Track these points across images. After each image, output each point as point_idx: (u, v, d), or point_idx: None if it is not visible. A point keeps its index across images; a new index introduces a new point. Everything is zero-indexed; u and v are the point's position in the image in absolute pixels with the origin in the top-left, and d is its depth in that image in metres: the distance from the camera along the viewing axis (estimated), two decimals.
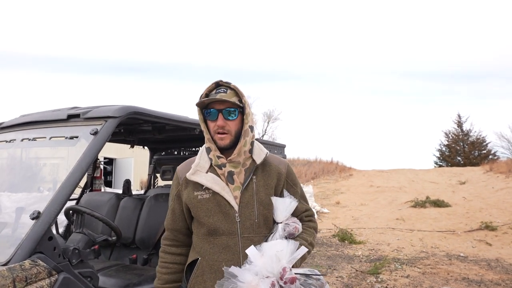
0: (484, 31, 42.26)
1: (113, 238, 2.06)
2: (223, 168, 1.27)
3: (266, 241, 1.22)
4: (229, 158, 1.27)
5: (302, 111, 53.36)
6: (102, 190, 3.80)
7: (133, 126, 2.82)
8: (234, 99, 1.28)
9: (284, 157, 4.26)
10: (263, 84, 51.60)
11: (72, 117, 1.88)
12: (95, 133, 1.72)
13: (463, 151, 27.56)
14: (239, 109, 1.29)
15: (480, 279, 4.66)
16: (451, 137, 28.63)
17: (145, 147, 3.95)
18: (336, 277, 4.78)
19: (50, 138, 1.89)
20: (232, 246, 1.23)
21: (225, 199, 1.25)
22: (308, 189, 11.50)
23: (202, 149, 1.37)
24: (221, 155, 1.28)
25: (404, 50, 44.90)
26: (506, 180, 13.65)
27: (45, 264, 1.40)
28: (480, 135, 27.53)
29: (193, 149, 3.83)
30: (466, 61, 43.58)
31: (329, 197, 13.86)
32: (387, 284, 4.49)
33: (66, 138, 1.82)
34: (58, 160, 2.03)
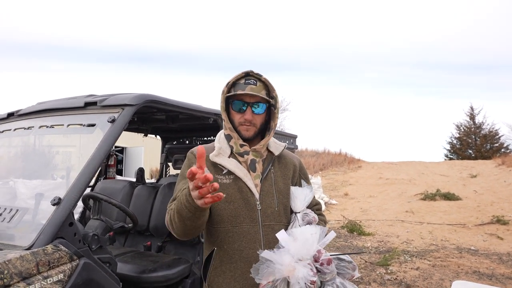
0: (498, 22, 40.94)
1: (130, 225, 2.09)
2: (245, 156, 1.26)
3: (286, 229, 1.22)
4: (253, 147, 1.28)
5: (312, 102, 52.99)
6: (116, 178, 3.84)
7: (147, 115, 2.83)
8: (263, 93, 1.27)
9: (296, 147, 4.24)
10: (273, 75, 51.20)
11: (89, 104, 1.89)
12: (113, 121, 1.73)
13: (474, 144, 27.08)
14: (267, 103, 1.29)
15: (492, 272, 4.62)
16: (462, 130, 28.12)
17: (157, 136, 3.96)
18: None
19: (68, 125, 1.90)
20: (253, 234, 1.21)
21: (247, 185, 1.24)
22: (316, 181, 11.48)
23: (220, 135, 1.34)
24: (244, 143, 1.28)
25: (417, 40, 43.94)
26: None
27: (66, 249, 1.42)
28: (493, 128, 26.96)
29: (206, 138, 3.83)
30: (480, 52, 42.43)
31: (338, 188, 13.83)
32: (397, 276, 4.49)
33: (84, 125, 1.82)
34: (75, 147, 2.05)
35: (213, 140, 4.13)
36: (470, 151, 26.81)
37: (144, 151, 10.35)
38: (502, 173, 14.50)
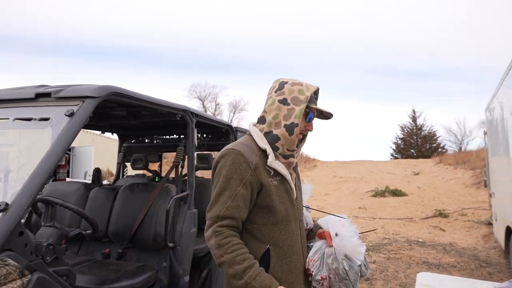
0: (439, 33, 45.24)
1: (88, 231, 1.88)
2: (291, 158, 1.30)
3: None
4: (295, 151, 1.34)
5: None
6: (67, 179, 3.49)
7: (106, 110, 2.59)
8: None
9: None
10: (230, 73, 50.93)
11: (41, 96, 1.65)
12: (71, 115, 1.53)
13: (416, 144, 29.52)
14: None
15: (438, 262, 5.01)
16: (406, 131, 30.50)
17: (114, 134, 3.67)
18: None
19: (14, 119, 1.65)
20: (296, 230, 1.29)
21: (290, 186, 1.30)
22: None
23: (260, 135, 1.26)
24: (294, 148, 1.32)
25: (372, 47, 46.75)
26: (454, 171, 14.82)
27: (16, 263, 1.21)
28: (431, 130, 29.67)
29: (169, 136, 3.64)
30: (424, 61, 46.56)
31: None
32: None
33: (35, 119, 1.59)
34: (22, 145, 1.79)
35: (178, 139, 3.89)
36: (413, 151, 29.15)
37: (95, 151, 9.65)
38: (440, 170, 15.94)
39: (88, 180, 6.07)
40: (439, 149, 28.12)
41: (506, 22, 40.77)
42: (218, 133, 3.39)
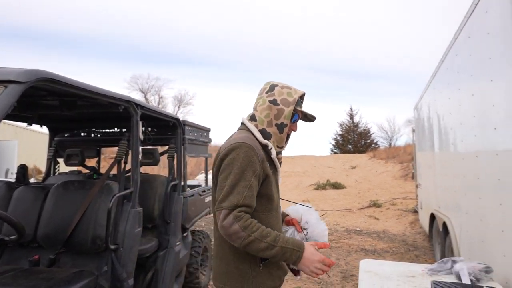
0: (377, 37, 49.02)
1: (12, 237, 1.64)
2: (279, 154, 1.45)
3: None
4: (283, 148, 1.45)
5: (216, 97, 53.00)
6: None
7: (33, 99, 2.28)
8: None
9: (210, 141, 4.11)
10: (175, 66, 49.12)
11: None
12: None
13: (353, 140, 31.72)
14: None
15: (374, 248, 5.44)
16: (344, 128, 32.58)
17: (43, 127, 3.27)
18: None
19: None
20: (280, 217, 1.42)
21: (279, 177, 1.44)
22: None
23: (257, 132, 1.36)
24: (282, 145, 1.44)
25: (315, 48, 48.76)
26: (385, 165, 16.23)
27: None
28: (366, 127, 32.13)
29: (109, 130, 3.36)
30: (362, 63, 50.18)
31: None
32: None
33: None
34: None
35: (120, 133, 3.62)
36: (350, 146, 31.28)
37: (18, 146, 8.53)
38: (374, 164, 17.33)
39: (11, 179, 5.37)
40: (373, 145, 30.64)
41: (434, 32, 45.75)
42: (165, 126, 3.22)
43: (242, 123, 1.42)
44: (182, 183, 3.29)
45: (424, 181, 5.48)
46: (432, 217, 4.52)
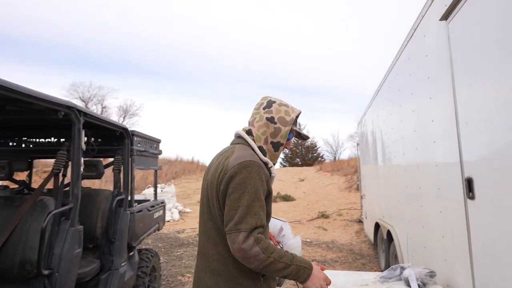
0: (324, 57, 52.18)
1: None
2: (273, 171, 1.39)
3: None
4: (274, 165, 1.43)
5: (165, 109, 51.35)
6: None
7: None
8: None
9: (160, 152, 3.91)
10: (123, 76, 46.74)
11: None
12: None
13: (301, 153, 32.92)
14: None
15: (324, 259, 5.57)
16: (292, 142, 33.68)
17: None
18: None
19: None
20: None
21: None
22: (170, 189, 11.09)
23: (258, 150, 1.34)
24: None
25: (265, 64, 50.21)
26: (331, 177, 17.00)
27: None
28: (313, 141, 33.63)
29: (44, 140, 3.01)
30: (309, 81, 52.98)
31: (191, 196, 13.79)
32: None
33: None
34: None
35: (58, 143, 3.28)
36: (298, 159, 32.37)
37: None
38: (320, 177, 18.06)
39: None
40: (319, 158, 32.09)
41: (376, 54, 50.04)
42: (111, 136, 2.99)
43: (239, 137, 1.38)
44: (129, 198, 3.05)
45: (368, 192, 5.81)
46: (377, 226, 4.79)
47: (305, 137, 1.50)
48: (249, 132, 1.38)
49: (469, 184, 1.66)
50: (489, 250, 1.52)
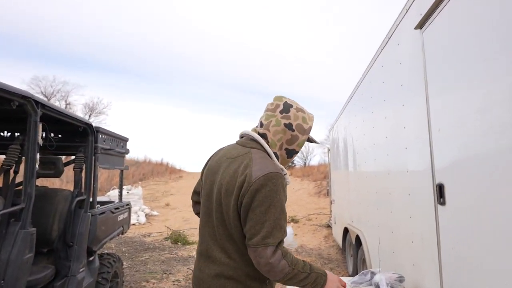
0: (294, 68, 53.10)
1: None
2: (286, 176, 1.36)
3: None
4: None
5: (133, 109, 49.74)
6: None
7: None
8: None
9: (128, 151, 3.71)
10: (90, 73, 44.65)
11: None
12: None
13: None
14: None
15: None
16: None
17: None
18: (173, 282, 4.54)
19: None
20: None
21: None
22: (137, 191, 10.67)
23: (273, 157, 1.30)
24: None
25: (239, 67, 50.31)
26: (301, 183, 17.22)
27: None
28: None
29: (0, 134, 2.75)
30: (282, 87, 53.87)
31: (159, 199, 13.37)
32: None
33: None
34: None
35: (11, 137, 3.01)
36: None
37: None
38: (291, 182, 18.24)
39: None
40: (290, 164, 32.49)
41: (348, 62, 51.71)
42: (73, 132, 2.78)
43: (253, 139, 1.31)
44: (91, 199, 2.85)
45: (338, 197, 5.90)
46: (346, 231, 4.85)
47: (315, 142, 1.47)
48: (263, 136, 1.31)
49: (440, 190, 1.69)
50: (458, 254, 1.54)
